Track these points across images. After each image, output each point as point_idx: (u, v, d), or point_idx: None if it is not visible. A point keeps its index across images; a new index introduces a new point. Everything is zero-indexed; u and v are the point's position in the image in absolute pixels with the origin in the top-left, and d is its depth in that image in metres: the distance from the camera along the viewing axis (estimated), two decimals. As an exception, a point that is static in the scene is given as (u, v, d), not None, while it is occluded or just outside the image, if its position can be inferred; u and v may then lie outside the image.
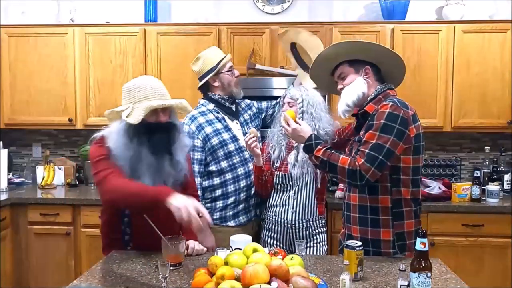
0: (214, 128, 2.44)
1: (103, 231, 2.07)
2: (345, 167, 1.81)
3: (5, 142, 3.65)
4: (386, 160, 1.79)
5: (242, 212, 2.49)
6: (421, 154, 1.91)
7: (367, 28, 3.31)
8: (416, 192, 1.92)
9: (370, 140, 1.81)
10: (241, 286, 1.40)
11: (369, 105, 1.93)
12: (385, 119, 1.81)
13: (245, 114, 2.62)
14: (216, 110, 2.50)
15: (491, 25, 3.26)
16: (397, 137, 1.80)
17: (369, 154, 1.78)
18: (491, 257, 3.04)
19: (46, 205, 3.24)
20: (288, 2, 3.68)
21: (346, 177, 1.83)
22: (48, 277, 3.26)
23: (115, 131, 1.85)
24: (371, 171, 1.78)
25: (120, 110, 1.87)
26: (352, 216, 1.97)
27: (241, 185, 2.45)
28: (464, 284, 1.66)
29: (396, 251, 1.90)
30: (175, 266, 1.78)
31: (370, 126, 1.85)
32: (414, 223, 1.92)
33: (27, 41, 3.51)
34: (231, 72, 2.52)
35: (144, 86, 1.85)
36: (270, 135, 2.50)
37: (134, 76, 3.39)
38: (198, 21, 3.67)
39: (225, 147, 2.43)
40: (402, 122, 1.81)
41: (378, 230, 1.90)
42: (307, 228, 2.36)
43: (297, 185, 2.36)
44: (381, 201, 1.89)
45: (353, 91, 1.95)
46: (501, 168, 3.42)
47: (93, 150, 1.88)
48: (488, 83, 3.27)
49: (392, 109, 1.82)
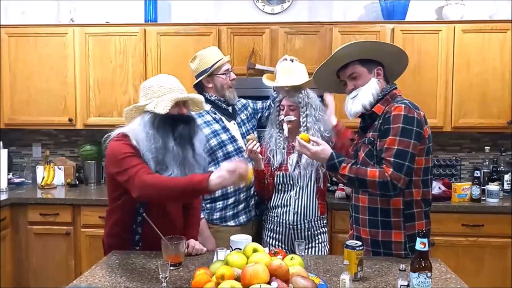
0: (212, 129, 2.44)
1: (112, 232, 2.02)
2: (375, 180, 1.78)
3: (5, 142, 3.65)
4: (412, 165, 1.80)
5: (242, 212, 2.49)
6: (430, 154, 1.91)
7: (367, 28, 3.31)
8: (426, 192, 1.92)
9: (391, 146, 1.79)
10: (241, 286, 1.40)
11: (377, 106, 1.92)
12: (402, 123, 1.80)
13: (241, 114, 2.61)
14: (213, 111, 2.49)
15: (491, 25, 3.26)
16: (416, 140, 1.80)
17: (395, 162, 1.77)
18: (491, 257, 3.04)
19: (46, 205, 3.24)
20: (288, 2, 3.68)
21: (378, 190, 1.80)
22: (48, 277, 3.26)
23: (140, 125, 1.87)
24: (401, 179, 1.77)
25: (143, 104, 1.90)
26: (361, 218, 1.96)
27: (241, 185, 2.45)
28: (464, 284, 1.66)
29: (407, 252, 1.89)
30: (175, 266, 1.78)
31: (387, 130, 1.83)
32: (424, 223, 1.91)
33: (27, 41, 3.51)
34: (226, 75, 2.49)
35: (166, 81, 1.93)
36: (267, 137, 2.48)
37: (134, 76, 3.44)
38: (198, 21, 3.67)
39: (224, 148, 2.43)
40: (418, 124, 1.81)
41: (389, 231, 1.90)
42: (309, 229, 2.36)
43: (298, 185, 2.36)
44: (393, 203, 1.88)
45: (369, 92, 1.92)
46: (501, 168, 3.42)
47: (116, 147, 1.86)
48: (488, 83, 3.27)
49: (406, 111, 1.81)
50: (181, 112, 1.92)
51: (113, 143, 1.89)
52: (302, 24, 3.38)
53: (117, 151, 1.85)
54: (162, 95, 1.88)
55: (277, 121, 2.45)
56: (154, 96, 1.90)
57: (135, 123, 1.90)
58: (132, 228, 1.96)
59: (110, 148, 1.89)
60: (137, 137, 1.85)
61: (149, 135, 1.84)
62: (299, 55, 3.32)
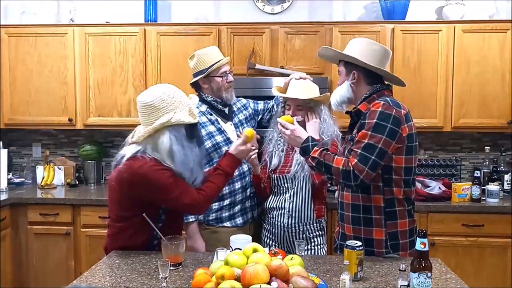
0: (207, 131, 2.41)
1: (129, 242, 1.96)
2: (339, 168, 1.81)
3: (5, 142, 3.66)
4: (380, 160, 1.79)
5: (238, 214, 2.46)
6: (414, 154, 1.90)
7: (367, 28, 3.31)
8: (408, 191, 1.92)
9: (362, 139, 1.81)
10: (241, 286, 1.40)
11: (362, 104, 1.94)
12: (377, 118, 1.80)
13: (240, 114, 2.57)
14: (209, 111, 2.46)
15: (491, 25, 3.26)
16: (389, 137, 1.79)
17: (362, 154, 1.78)
18: (491, 257, 3.04)
19: (46, 205, 3.24)
20: (288, 2, 3.68)
21: (341, 178, 1.82)
22: (48, 277, 3.26)
23: (173, 143, 1.85)
24: (365, 171, 1.77)
25: (167, 120, 1.84)
26: (346, 214, 1.98)
27: (236, 187, 2.43)
28: (464, 284, 1.66)
29: (388, 250, 1.90)
30: (175, 266, 1.78)
31: (363, 125, 1.85)
32: (407, 222, 1.92)
33: (27, 41, 3.51)
34: (223, 78, 2.43)
35: (174, 91, 1.90)
36: (267, 139, 2.47)
37: (134, 76, 3.44)
38: (198, 21, 3.67)
39: (218, 150, 2.39)
40: (394, 121, 1.81)
41: (371, 229, 1.91)
42: (304, 232, 2.35)
43: (292, 188, 2.36)
44: (373, 200, 1.89)
45: (337, 94, 2.02)
46: (501, 168, 3.42)
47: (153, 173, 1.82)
48: (488, 83, 3.27)
49: (384, 108, 1.82)
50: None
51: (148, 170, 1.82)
52: (302, 24, 3.38)
53: (157, 178, 1.83)
54: (180, 104, 1.88)
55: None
56: (171, 108, 1.85)
57: (164, 141, 1.85)
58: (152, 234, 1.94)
59: (146, 177, 1.82)
60: (172, 156, 1.85)
61: (187, 148, 1.88)
62: (299, 55, 3.35)
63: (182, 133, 1.88)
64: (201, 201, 1.92)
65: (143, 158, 1.84)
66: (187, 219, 2.32)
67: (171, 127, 1.85)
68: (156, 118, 1.84)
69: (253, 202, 2.53)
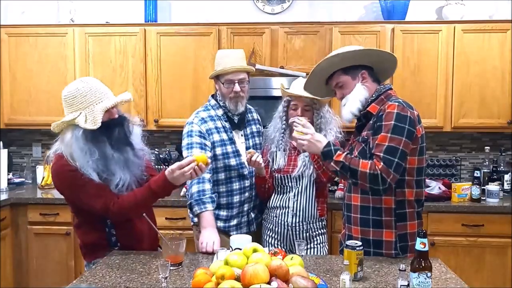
0: (221, 137, 2.35)
1: (86, 239, 2.00)
2: (366, 172, 1.78)
3: (5, 142, 3.65)
4: (402, 162, 1.80)
5: (233, 228, 2.40)
6: (424, 155, 1.92)
7: (367, 28, 3.31)
8: (419, 193, 1.92)
9: (383, 142, 1.80)
10: (241, 286, 1.40)
11: (371, 105, 1.93)
12: (394, 120, 1.80)
13: (253, 126, 2.51)
14: (224, 118, 2.38)
15: (491, 25, 3.26)
16: (408, 138, 1.80)
17: (385, 157, 1.77)
18: (491, 257, 3.04)
19: (46, 205, 3.24)
20: (288, 2, 3.68)
21: (368, 182, 1.79)
22: (48, 277, 3.26)
23: (73, 141, 1.81)
24: (391, 175, 1.77)
25: (71, 119, 1.83)
26: (353, 216, 1.96)
27: (234, 200, 2.39)
28: (464, 284, 1.66)
29: (398, 252, 1.89)
30: (175, 266, 1.78)
31: (379, 127, 1.83)
32: (416, 224, 1.92)
33: (27, 41, 3.50)
34: (228, 87, 2.30)
35: (88, 89, 1.84)
36: (269, 138, 2.44)
37: (134, 76, 3.44)
38: (198, 21, 3.67)
39: (226, 160, 2.35)
40: (411, 123, 1.82)
41: (380, 231, 1.90)
42: (307, 230, 2.35)
43: (297, 187, 2.36)
44: (384, 202, 1.88)
45: (356, 99, 1.94)
46: (501, 168, 3.42)
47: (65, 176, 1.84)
48: (488, 83, 3.27)
49: (400, 109, 1.82)
50: (113, 116, 1.87)
51: (58, 170, 1.86)
52: (302, 24, 3.38)
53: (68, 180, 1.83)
54: (89, 105, 1.81)
55: (284, 120, 2.39)
56: (79, 108, 1.82)
57: (67, 138, 1.83)
58: (105, 231, 1.96)
59: (58, 177, 1.87)
60: (72, 156, 1.81)
61: (85, 150, 1.80)
62: (299, 55, 3.35)
63: (84, 134, 1.81)
64: (114, 208, 1.83)
65: (59, 156, 1.85)
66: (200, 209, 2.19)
67: (74, 125, 1.82)
68: (67, 113, 1.86)
69: (250, 217, 2.47)
